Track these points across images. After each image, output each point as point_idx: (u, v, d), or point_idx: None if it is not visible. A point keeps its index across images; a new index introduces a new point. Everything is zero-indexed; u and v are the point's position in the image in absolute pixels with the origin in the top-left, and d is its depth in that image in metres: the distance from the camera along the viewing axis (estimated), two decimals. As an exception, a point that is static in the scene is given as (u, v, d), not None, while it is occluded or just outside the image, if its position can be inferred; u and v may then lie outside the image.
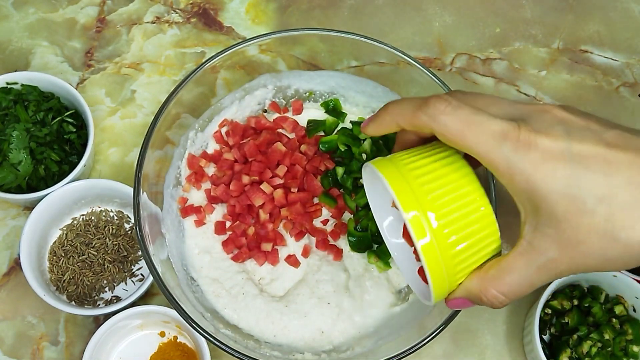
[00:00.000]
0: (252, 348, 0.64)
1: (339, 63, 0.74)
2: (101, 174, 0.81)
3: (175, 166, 0.71)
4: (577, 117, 0.44)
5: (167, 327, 0.73)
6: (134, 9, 0.89)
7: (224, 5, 0.90)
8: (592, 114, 0.45)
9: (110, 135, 0.83)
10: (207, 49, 0.87)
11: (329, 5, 0.91)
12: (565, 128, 0.43)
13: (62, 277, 0.74)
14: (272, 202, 0.69)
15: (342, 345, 0.66)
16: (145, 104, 0.84)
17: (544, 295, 0.70)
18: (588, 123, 0.44)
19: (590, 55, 0.90)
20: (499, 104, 0.47)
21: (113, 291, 0.75)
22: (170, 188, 0.70)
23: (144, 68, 0.86)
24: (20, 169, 0.73)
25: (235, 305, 0.67)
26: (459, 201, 0.47)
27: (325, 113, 0.76)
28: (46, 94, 0.78)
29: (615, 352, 0.70)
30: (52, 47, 0.86)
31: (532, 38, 0.90)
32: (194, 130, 0.72)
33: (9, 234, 0.78)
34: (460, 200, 0.47)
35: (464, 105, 0.45)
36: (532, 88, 0.87)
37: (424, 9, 0.91)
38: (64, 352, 0.74)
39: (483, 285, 0.48)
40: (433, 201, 0.46)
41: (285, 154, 0.70)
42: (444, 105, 0.46)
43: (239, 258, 0.69)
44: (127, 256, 0.76)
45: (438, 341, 0.75)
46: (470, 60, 0.89)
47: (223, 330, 0.64)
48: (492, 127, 0.44)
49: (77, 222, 0.77)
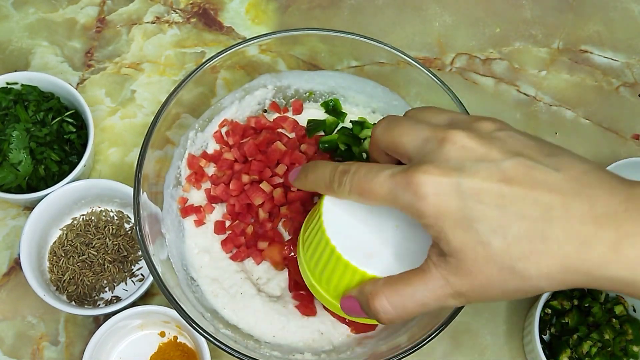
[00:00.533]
0: (252, 348, 0.64)
1: (339, 63, 0.74)
2: (101, 174, 0.81)
3: (175, 166, 0.71)
4: (479, 145, 0.44)
5: (167, 327, 0.73)
6: (134, 9, 0.89)
7: (224, 5, 0.90)
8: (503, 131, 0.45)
9: (110, 135, 0.83)
10: (207, 49, 0.88)
11: (329, 5, 0.91)
12: (459, 163, 0.43)
13: (62, 277, 0.74)
14: (271, 201, 0.69)
15: (342, 345, 0.66)
16: (145, 104, 0.84)
17: (544, 296, 0.70)
18: (488, 151, 0.43)
19: (590, 55, 0.90)
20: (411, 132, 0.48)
21: (113, 291, 0.75)
22: (170, 188, 0.70)
23: (144, 68, 0.86)
24: (20, 169, 0.73)
25: (234, 305, 0.67)
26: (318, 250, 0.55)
27: (325, 113, 0.76)
28: (46, 94, 0.78)
29: (615, 352, 0.70)
30: (52, 47, 0.86)
31: (532, 38, 0.90)
32: (194, 130, 0.72)
33: (9, 234, 0.78)
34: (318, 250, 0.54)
35: (360, 168, 0.48)
36: (532, 88, 0.87)
37: (424, 9, 0.91)
38: (64, 352, 0.74)
39: (376, 290, 0.48)
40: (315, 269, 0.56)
41: (285, 153, 0.70)
42: (345, 177, 0.49)
43: (238, 257, 0.69)
44: (127, 256, 0.76)
45: (438, 341, 0.75)
46: (470, 60, 0.89)
47: (223, 330, 0.64)
48: (383, 179, 0.46)
49: (77, 222, 0.77)
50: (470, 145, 0.44)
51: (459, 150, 0.44)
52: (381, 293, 0.48)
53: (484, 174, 0.42)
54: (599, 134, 0.86)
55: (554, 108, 0.87)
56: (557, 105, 0.87)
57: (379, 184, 0.46)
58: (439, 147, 0.44)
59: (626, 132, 0.86)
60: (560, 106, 0.87)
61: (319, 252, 0.54)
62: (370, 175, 0.47)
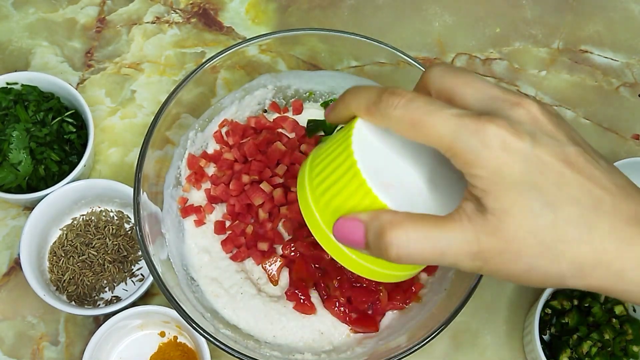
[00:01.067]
0: (252, 348, 0.64)
1: (339, 63, 0.74)
2: (101, 174, 0.81)
3: (175, 166, 0.71)
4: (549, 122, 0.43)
5: (167, 327, 0.73)
6: (134, 9, 0.89)
7: (224, 5, 0.90)
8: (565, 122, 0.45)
9: (110, 135, 0.83)
10: (207, 49, 0.88)
11: (329, 5, 0.91)
12: (532, 129, 0.42)
13: (62, 277, 0.74)
14: (271, 201, 0.69)
15: (342, 345, 0.66)
16: (145, 104, 0.84)
17: (544, 295, 0.70)
18: (556, 131, 0.43)
19: (590, 55, 0.90)
20: (476, 85, 0.45)
21: (113, 291, 0.75)
22: (170, 188, 0.70)
23: (144, 68, 0.86)
24: (20, 169, 0.73)
25: (234, 305, 0.67)
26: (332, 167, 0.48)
27: (325, 113, 0.76)
28: (46, 94, 0.78)
29: (615, 352, 0.70)
30: (52, 47, 0.86)
31: (532, 38, 0.90)
32: (194, 130, 0.72)
33: (9, 234, 0.78)
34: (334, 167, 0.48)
35: (418, 97, 0.44)
36: (532, 88, 0.87)
37: (424, 9, 0.91)
38: (64, 352, 0.74)
39: (397, 220, 0.44)
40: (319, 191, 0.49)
41: (285, 153, 0.70)
42: (397, 100, 0.44)
43: (238, 257, 0.69)
44: (127, 256, 0.76)
45: (438, 341, 0.75)
46: (470, 60, 0.89)
47: (223, 330, 0.64)
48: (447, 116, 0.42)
49: (77, 222, 0.77)
50: (541, 118, 0.43)
51: (532, 119, 0.43)
52: (403, 227, 0.43)
53: (551, 149, 0.42)
54: (599, 134, 0.86)
55: (554, 108, 0.87)
56: (557, 105, 0.87)
57: (441, 119, 0.42)
58: (512, 109, 0.43)
59: (626, 132, 0.86)
60: (560, 106, 0.87)
61: (333, 167, 0.48)
62: (432, 108, 0.43)
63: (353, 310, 0.66)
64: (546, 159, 0.41)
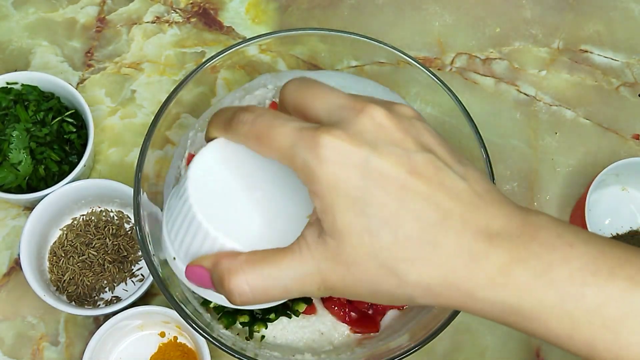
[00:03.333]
0: (252, 348, 0.64)
1: (339, 63, 0.74)
2: (101, 174, 0.81)
3: (175, 166, 0.71)
4: (396, 128, 0.40)
5: (167, 327, 0.73)
6: (134, 8, 0.89)
7: (224, 5, 0.90)
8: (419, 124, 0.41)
9: (110, 135, 0.83)
10: (207, 48, 0.87)
11: (329, 5, 0.91)
12: (373, 137, 0.39)
13: (62, 278, 0.74)
14: (272, 202, 0.69)
15: (342, 345, 0.66)
16: (145, 104, 0.84)
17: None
18: (404, 137, 0.39)
19: (590, 55, 0.90)
20: (325, 96, 0.43)
21: (113, 291, 0.75)
22: (170, 188, 0.70)
23: (144, 68, 0.86)
24: (20, 169, 0.73)
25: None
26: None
27: (325, 113, 0.75)
28: (46, 94, 0.78)
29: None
30: (52, 47, 0.86)
31: (532, 38, 0.90)
32: (194, 130, 0.72)
33: (9, 234, 0.78)
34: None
35: (267, 112, 0.42)
36: (532, 88, 0.87)
37: (424, 8, 0.91)
38: (64, 353, 0.74)
39: (235, 267, 0.41)
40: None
41: (285, 154, 0.70)
42: (247, 116, 0.43)
43: (239, 258, 0.69)
44: (127, 256, 0.76)
45: (438, 341, 0.75)
46: (470, 60, 0.89)
47: (223, 330, 0.64)
48: (289, 129, 0.40)
49: (77, 222, 0.77)
50: (387, 125, 0.39)
51: (376, 126, 0.39)
52: (241, 272, 0.41)
53: (394, 159, 0.38)
54: (599, 134, 0.86)
55: (554, 108, 0.87)
56: (557, 105, 0.87)
57: (282, 133, 0.40)
58: (355, 117, 0.40)
59: (626, 132, 0.86)
60: (560, 106, 0.87)
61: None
62: (276, 122, 0.41)
63: (353, 310, 0.66)
64: (387, 171, 0.38)
